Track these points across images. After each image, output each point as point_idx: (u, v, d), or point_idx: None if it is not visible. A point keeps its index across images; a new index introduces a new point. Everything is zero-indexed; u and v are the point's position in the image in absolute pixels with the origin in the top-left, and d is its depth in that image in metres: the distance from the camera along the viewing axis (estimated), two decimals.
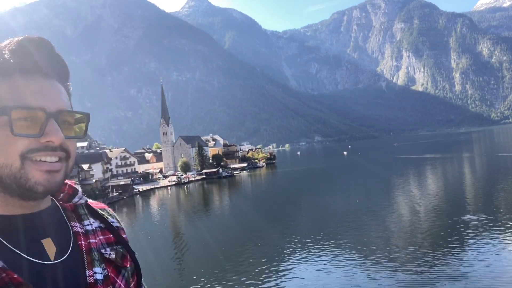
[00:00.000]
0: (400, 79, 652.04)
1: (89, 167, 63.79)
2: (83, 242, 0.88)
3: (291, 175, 76.77)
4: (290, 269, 19.03)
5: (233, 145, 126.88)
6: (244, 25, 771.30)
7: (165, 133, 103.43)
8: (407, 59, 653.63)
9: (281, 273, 18.60)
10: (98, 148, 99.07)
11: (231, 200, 50.85)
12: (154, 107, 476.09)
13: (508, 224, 22.72)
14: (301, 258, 20.50)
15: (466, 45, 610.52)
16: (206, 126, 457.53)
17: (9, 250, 0.76)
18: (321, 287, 16.44)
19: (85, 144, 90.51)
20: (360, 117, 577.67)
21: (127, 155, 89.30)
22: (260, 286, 17.20)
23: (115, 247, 0.95)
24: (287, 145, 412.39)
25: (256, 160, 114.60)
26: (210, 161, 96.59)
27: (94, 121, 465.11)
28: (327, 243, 22.99)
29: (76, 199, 0.95)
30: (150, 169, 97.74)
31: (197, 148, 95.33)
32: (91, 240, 0.90)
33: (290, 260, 20.38)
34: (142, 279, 1.04)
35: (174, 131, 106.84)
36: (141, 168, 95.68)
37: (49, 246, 0.83)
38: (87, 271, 0.84)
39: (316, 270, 18.58)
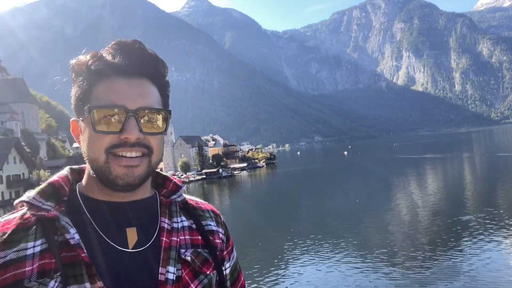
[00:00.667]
0: (400, 79, 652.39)
1: None
2: (164, 239, 0.89)
3: (291, 175, 76.80)
4: (290, 269, 19.05)
5: (233, 145, 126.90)
6: (244, 25, 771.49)
7: None
8: (407, 59, 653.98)
9: (281, 273, 18.61)
10: None
11: (231, 200, 50.87)
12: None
13: (508, 224, 22.74)
14: (301, 258, 20.52)
15: (466, 45, 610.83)
16: (206, 126, 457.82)
17: (93, 229, 0.84)
18: (321, 287, 16.46)
19: None
20: (360, 117, 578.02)
21: None
22: (260, 286, 17.22)
23: (198, 249, 0.94)
24: (287, 145, 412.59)
25: (256, 160, 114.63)
26: (210, 161, 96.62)
27: None
28: (327, 243, 23.01)
29: (174, 196, 0.98)
30: None
31: (197, 148, 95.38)
32: (173, 238, 0.91)
33: (290, 260, 20.39)
34: None
35: (174, 131, 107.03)
36: None
37: (132, 235, 0.87)
38: (160, 268, 0.85)
39: (316, 270, 18.60)
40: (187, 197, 1.05)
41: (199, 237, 0.96)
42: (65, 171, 0.93)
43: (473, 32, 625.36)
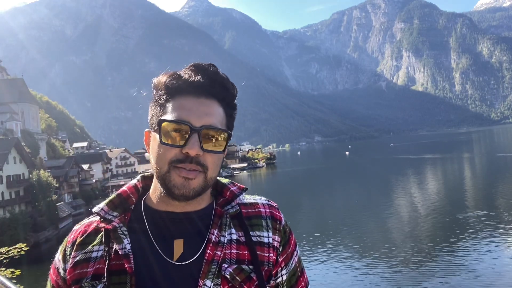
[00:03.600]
0: (400, 79, 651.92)
1: (89, 167, 63.79)
2: (209, 251, 0.91)
3: (291, 175, 76.77)
4: None
5: (233, 145, 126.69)
6: (244, 25, 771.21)
7: None
8: (407, 59, 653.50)
9: None
10: (98, 148, 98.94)
11: None
12: None
13: (508, 224, 22.74)
14: (302, 258, 20.51)
15: (466, 45, 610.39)
16: None
17: (148, 239, 0.92)
18: (321, 287, 16.45)
19: (85, 144, 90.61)
20: (360, 117, 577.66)
21: (127, 155, 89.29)
22: None
23: (243, 266, 0.93)
24: (287, 145, 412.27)
25: (256, 160, 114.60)
26: None
27: (94, 121, 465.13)
28: (327, 242, 23.01)
29: (227, 207, 1.00)
30: (150, 169, 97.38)
31: None
32: (217, 252, 0.91)
33: None
34: None
35: None
36: (141, 168, 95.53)
37: (178, 247, 0.91)
38: (199, 281, 0.88)
39: (316, 270, 18.59)
40: (248, 199, 1.07)
41: (246, 252, 0.95)
42: (135, 179, 1.05)
43: (473, 32, 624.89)
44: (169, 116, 0.89)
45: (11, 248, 5.97)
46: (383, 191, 42.96)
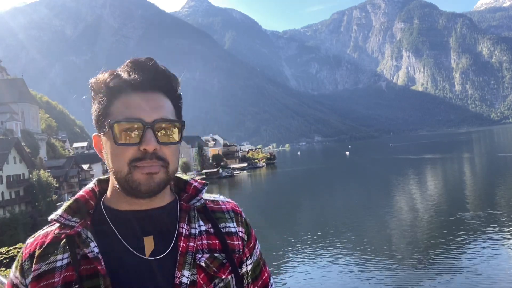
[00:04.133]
0: (400, 79, 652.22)
1: (89, 167, 63.75)
2: (181, 244, 0.93)
3: (291, 175, 76.78)
4: (290, 269, 19.05)
5: (233, 145, 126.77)
6: (244, 25, 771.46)
7: None
8: (407, 59, 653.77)
9: (281, 273, 18.61)
10: None
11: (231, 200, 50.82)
12: None
13: (508, 224, 22.74)
14: (302, 258, 20.52)
15: (466, 45, 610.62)
16: (206, 126, 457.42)
17: (116, 239, 0.92)
18: (322, 287, 16.46)
19: (85, 144, 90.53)
20: (360, 117, 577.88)
21: None
22: None
23: (215, 254, 0.96)
24: (287, 145, 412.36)
25: (256, 160, 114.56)
26: (210, 161, 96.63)
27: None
28: (327, 242, 23.02)
29: (193, 201, 1.01)
30: None
31: (197, 148, 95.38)
32: (190, 243, 0.94)
33: (290, 260, 20.40)
34: None
35: None
36: None
37: (149, 243, 0.92)
38: (176, 272, 0.90)
39: (317, 270, 18.60)
40: (208, 197, 1.08)
41: (217, 241, 0.99)
42: (91, 184, 1.02)
43: (473, 32, 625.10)
44: (119, 116, 0.88)
45: (11, 248, 6.02)
46: (383, 191, 42.97)
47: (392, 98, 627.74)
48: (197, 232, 0.97)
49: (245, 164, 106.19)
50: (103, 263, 0.87)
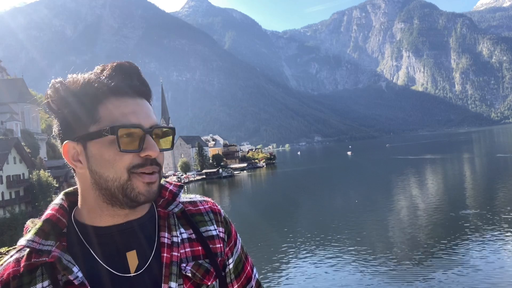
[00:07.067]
0: (400, 79, 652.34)
1: None
2: (165, 255, 0.90)
3: (292, 176, 76.79)
4: (290, 269, 19.07)
5: (233, 145, 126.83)
6: (244, 25, 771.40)
7: None
8: (407, 59, 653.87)
9: (282, 273, 18.63)
10: None
11: (231, 200, 50.89)
12: (154, 107, 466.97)
13: (509, 224, 22.77)
14: (302, 258, 20.55)
15: (466, 45, 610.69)
16: (206, 126, 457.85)
17: (95, 261, 0.85)
18: (322, 286, 16.49)
19: None
20: (360, 117, 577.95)
21: None
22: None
23: (199, 261, 0.94)
24: (287, 145, 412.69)
25: (256, 160, 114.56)
26: (210, 161, 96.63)
27: None
28: (327, 243, 23.04)
29: (171, 207, 0.97)
30: None
31: (197, 148, 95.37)
32: (174, 253, 0.91)
33: (291, 260, 20.42)
34: None
35: None
36: None
37: (133, 258, 0.87)
38: (163, 285, 0.86)
39: (317, 270, 18.62)
40: (185, 198, 1.04)
41: (200, 248, 0.96)
42: (58, 199, 0.92)
43: (473, 32, 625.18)
44: (115, 121, 0.83)
45: (11, 248, 9.11)
46: (382, 191, 42.99)
47: (392, 98, 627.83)
48: (179, 241, 0.93)
49: (245, 164, 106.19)
50: (89, 287, 0.81)
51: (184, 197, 1.04)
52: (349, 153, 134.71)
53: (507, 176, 43.76)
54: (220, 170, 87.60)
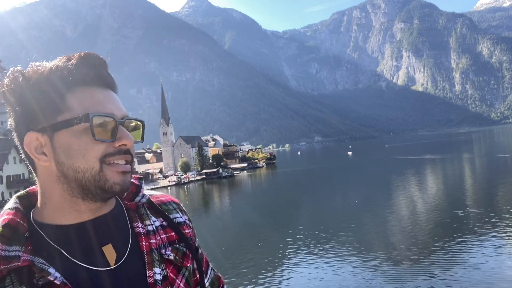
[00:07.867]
0: (400, 79, 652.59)
1: None
2: (144, 243, 0.90)
3: (292, 176, 76.77)
4: (290, 269, 19.07)
5: (233, 145, 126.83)
6: (244, 25, 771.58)
7: (165, 133, 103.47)
8: (407, 59, 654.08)
9: (282, 273, 18.64)
10: None
11: (231, 200, 50.87)
12: (154, 107, 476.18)
13: (508, 224, 22.78)
14: (302, 258, 20.54)
15: (466, 45, 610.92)
16: (206, 126, 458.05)
17: (70, 261, 0.81)
18: (322, 286, 16.49)
19: None
20: (360, 117, 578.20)
21: None
22: (260, 287, 17.24)
23: (176, 246, 0.96)
24: (287, 145, 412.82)
25: (256, 160, 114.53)
26: (210, 161, 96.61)
27: None
28: (327, 243, 23.04)
29: (138, 198, 0.97)
30: (150, 169, 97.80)
31: (197, 148, 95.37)
32: (152, 241, 0.92)
33: (291, 260, 20.42)
34: (209, 277, 1.10)
35: (174, 131, 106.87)
36: (141, 168, 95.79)
37: (110, 252, 0.85)
38: (147, 272, 0.87)
39: (317, 270, 18.62)
40: (147, 193, 1.04)
41: (173, 233, 0.98)
42: (12, 203, 0.87)
43: (473, 32, 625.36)
44: (88, 110, 0.80)
45: None
46: (382, 191, 43.00)
47: (392, 98, 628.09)
48: (154, 229, 0.95)
49: (245, 164, 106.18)
50: (71, 286, 0.78)
51: (146, 192, 1.04)
52: (349, 153, 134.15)
53: (507, 176, 43.74)
54: (220, 170, 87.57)
